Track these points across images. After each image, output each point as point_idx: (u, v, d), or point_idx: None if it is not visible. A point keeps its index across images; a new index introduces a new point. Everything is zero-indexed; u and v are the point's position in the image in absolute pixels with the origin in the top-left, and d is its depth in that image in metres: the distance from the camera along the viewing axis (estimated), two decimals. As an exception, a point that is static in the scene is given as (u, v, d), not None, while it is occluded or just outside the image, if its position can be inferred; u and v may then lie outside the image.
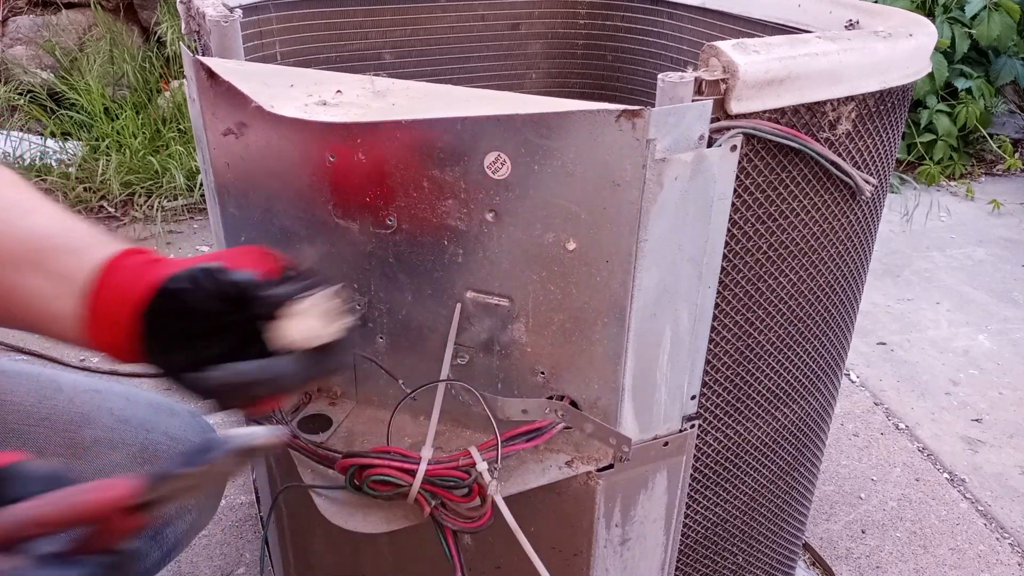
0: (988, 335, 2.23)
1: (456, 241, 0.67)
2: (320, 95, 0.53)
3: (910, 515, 1.59)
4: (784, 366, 0.87)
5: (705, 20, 1.18)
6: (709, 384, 0.80)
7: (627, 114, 0.58)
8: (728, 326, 0.78)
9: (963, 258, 2.68)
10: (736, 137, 0.66)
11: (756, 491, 0.96)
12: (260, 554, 1.26)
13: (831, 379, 0.99)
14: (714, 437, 0.85)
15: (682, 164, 0.63)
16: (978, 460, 1.75)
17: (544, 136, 0.60)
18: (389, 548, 0.87)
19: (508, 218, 0.64)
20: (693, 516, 0.90)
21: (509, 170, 0.62)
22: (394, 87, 0.59)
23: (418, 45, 1.32)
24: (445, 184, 0.64)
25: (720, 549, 0.97)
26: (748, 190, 0.71)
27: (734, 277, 0.75)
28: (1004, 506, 1.62)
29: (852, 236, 0.85)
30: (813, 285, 0.84)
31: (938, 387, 2.00)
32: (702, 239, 0.69)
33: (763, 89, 0.67)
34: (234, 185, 0.74)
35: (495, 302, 0.69)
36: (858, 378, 2.02)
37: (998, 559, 1.49)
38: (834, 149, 0.76)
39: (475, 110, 0.58)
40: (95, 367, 1.98)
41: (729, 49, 0.66)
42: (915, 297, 2.42)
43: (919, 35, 0.80)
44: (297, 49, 1.19)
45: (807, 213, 0.77)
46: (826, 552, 1.49)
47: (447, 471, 0.64)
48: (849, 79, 0.73)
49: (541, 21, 1.38)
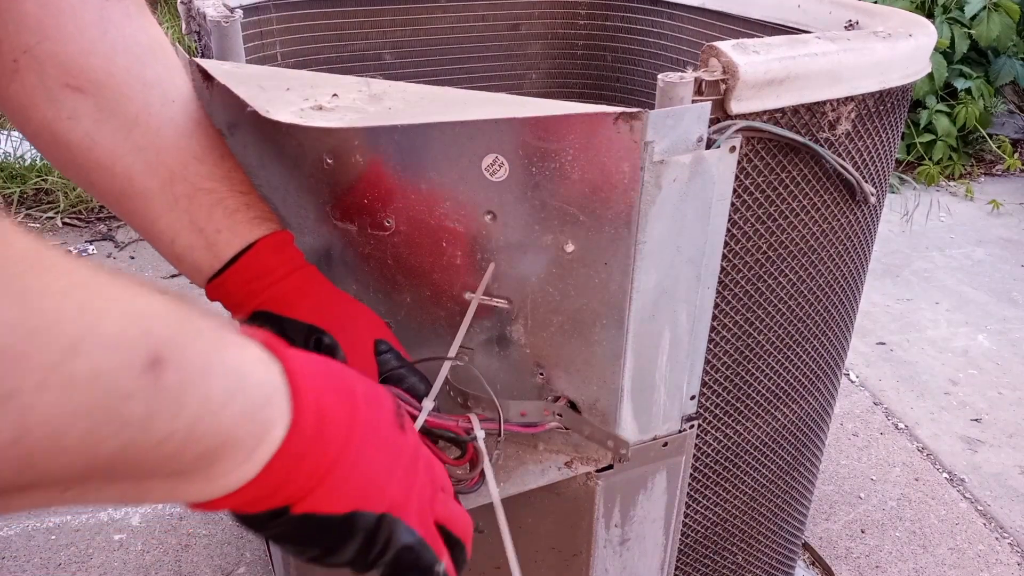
0: (987, 335, 2.23)
1: (454, 243, 0.67)
2: (316, 99, 0.53)
3: (909, 515, 1.59)
4: (784, 366, 0.87)
5: (705, 20, 1.18)
6: (709, 384, 0.81)
7: (625, 116, 0.58)
8: (728, 326, 0.78)
9: (962, 258, 2.68)
10: (735, 138, 0.66)
11: (756, 491, 0.96)
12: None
13: (831, 379, 0.99)
14: (714, 437, 0.85)
15: (680, 166, 0.63)
16: (977, 460, 1.75)
17: (542, 138, 0.60)
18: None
19: (506, 220, 0.64)
20: (693, 516, 0.90)
21: (507, 172, 0.62)
22: (390, 90, 0.59)
23: (418, 46, 1.32)
24: (443, 186, 0.64)
25: (720, 549, 0.97)
26: (748, 190, 0.71)
27: (734, 277, 0.76)
28: (1003, 506, 1.62)
29: (852, 236, 0.85)
30: (813, 285, 0.84)
31: (937, 387, 2.00)
32: (701, 240, 0.69)
33: (763, 89, 0.67)
34: (233, 186, 0.74)
35: (494, 303, 0.69)
36: (858, 378, 2.03)
37: (997, 559, 1.49)
38: (834, 149, 0.76)
39: (472, 113, 0.58)
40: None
41: (729, 49, 0.66)
42: (914, 297, 2.42)
43: (919, 35, 0.80)
44: (298, 50, 1.19)
45: (807, 213, 0.77)
46: (826, 552, 1.49)
47: (447, 425, 0.63)
48: (849, 79, 0.73)
49: (541, 21, 1.38)
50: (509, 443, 0.75)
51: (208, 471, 0.35)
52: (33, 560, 1.45)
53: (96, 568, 1.44)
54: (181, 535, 1.52)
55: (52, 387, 0.25)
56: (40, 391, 0.25)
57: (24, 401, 0.24)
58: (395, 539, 0.44)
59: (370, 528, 0.43)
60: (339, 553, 0.43)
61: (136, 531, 1.53)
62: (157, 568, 1.45)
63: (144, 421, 0.29)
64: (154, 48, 0.59)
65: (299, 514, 0.39)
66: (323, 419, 0.40)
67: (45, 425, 0.25)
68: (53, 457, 0.26)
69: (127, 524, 1.54)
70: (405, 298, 0.72)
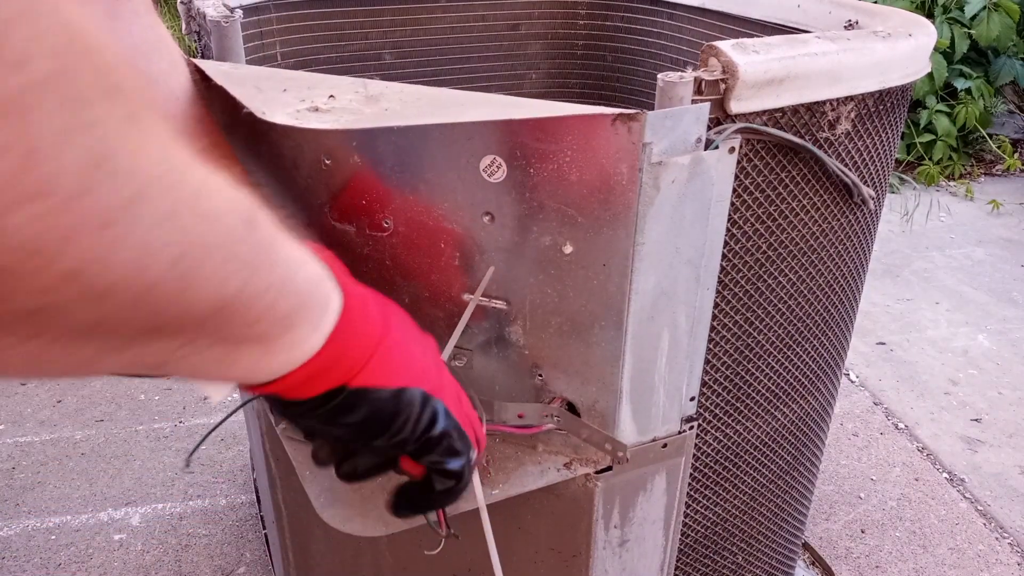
0: (987, 335, 2.23)
1: (452, 244, 0.67)
2: (313, 100, 0.53)
3: (909, 515, 1.59)
4: (784, 366, 0.87)
5: (705, 20, 1.18)
6: (708, 384, 0.80)
7: (623, 117, 0.58)
8: (727, 326, 0.78)
9: (962, 258, 2.68)
10: (735, 139, 0.66)
11: (755, 491, 0.96)
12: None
13: (830, 379, 0.99)
14: (713, 437, 0.85)
15: (679, 167, 0.63)
16: (977, 460, 1.75)
17: (539, 140, 0.59)
18: (389, 549, 0.87)
19: (504, 221, 0.64)
20: (692, 516, 0.90)
21: (505, 173, 0.62)
22: (387, 91, 0.59)
23: (419, 46, 1.32)
24: (441, 187, 0.64)
25: (719, 549, 0.97)
26: (747, 190, 0.71)
27: (733, 277, 0.75)
28: (1003, 506, 1.62)
29: (851, 236, 0.85)
30: (813, 285, 0.84)
31: (937, 387, 2.00)
32: (700, 241, 0.69)
33: (762, 89, 0.67)
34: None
35: (492, 305, 0.68)
36: (857, 378, 2.03)
37: (997, 559, 1.49)
38: (833, 149, 0.76)
39: (469, 115, 0.58)
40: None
41: (729, 49, 0.65)
42: (914, 297, 2.42)
43: (918, 35, 0.80)
44: (298, 50, 1.19)
45: (806, 213, 0.77)
46: (826, 552, 1.49)
47: None
48: (848, 79, 0.73)
49: (541, 21, 1.38)
50: (508, 444, 0.75)
51: (287, 337, 0.39)
52: (33, 560, 1.45)
53: (96, 568, 1.44)
54: (181, 535, 1.52)
55: (194, 214, 0.29)
56: (190, 215, 0.29)
57: (182, 223, 0.29)
58: (438, 419, 0.48)
59: (417, 404, 0.46)
60: (388, 432, 0.46)
61: (136, 531, 1.53)
62: (157, 568, 1.45)
63: (252, 264, 0.34)
64: (159, 45, 0.60)
65: (356, 388, 0.44)
66: (364, 302, 0.45)
67: (194, 248, 0.29)
68: (196, 287, 0.30)
69: (127, 524, 1.54)
70: (403, 299, 0.72)
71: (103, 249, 0.26)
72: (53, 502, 1.59)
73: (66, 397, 1.90)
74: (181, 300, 0.30)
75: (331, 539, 0.91)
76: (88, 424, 1.81)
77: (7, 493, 1.61)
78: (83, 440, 1.76)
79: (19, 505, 1.58)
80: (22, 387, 1.93)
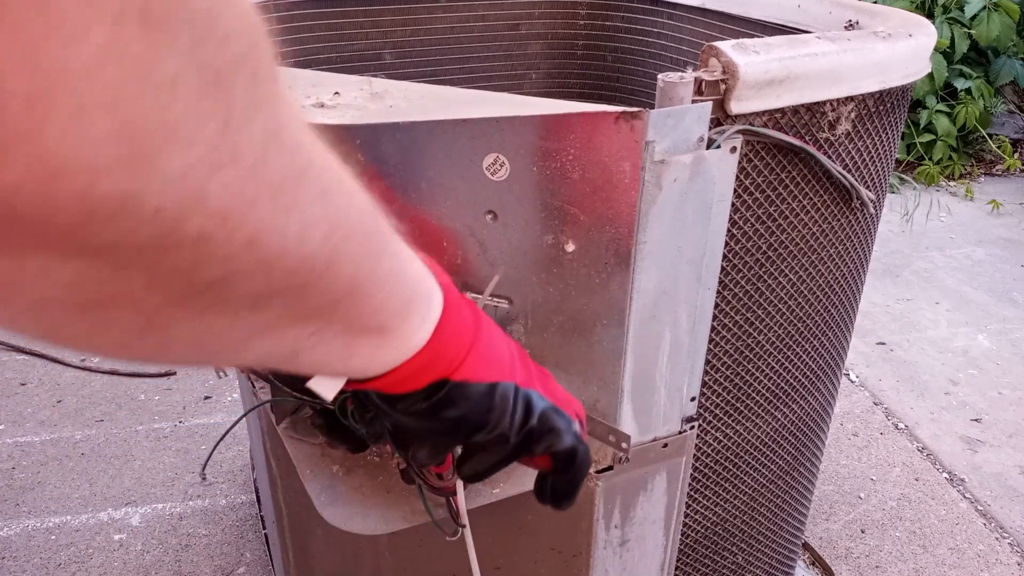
0: (987, 335, 2.23)
1: (455, 242, 0.67)
2: (318, 97, 0.53)
3: (909, 515, 1.59)
4: (784, 366, 0.87)
5: (705, 20, 1.18)
6: (709, 384, 0.80)
7: (625, 116, 0.58)
8: (728, 326, 0.78)
9: (962, 258, 2.68)
10: (736, 138, 0.66)
11: (756, 491, 0.96)
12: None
13: (830, 379, 0.99)
14: (714, 437, 0.85)
15: (681, 166, 0.63)
16: (977, 460, 1.75)
17: (543, 138, 0.60)
18: (389, 549, 0.87)
19: (507, 219, 0.64)
20: (693, 516, 0.90)
21: (508, 172, 0.62)
22: (392, 88, 0.59)
23: (419, 46, 1.32)
24: (443, 185, 0.64)
25: (720, 549, 0.97)
26: (748, 190, 0.71)
27: (734, 277, 0.75)
28: (1003, 506, 1.62)
29: (851, 236, 0.85)
30: (813, 285, 0.84)
31: (937, 387, 2.00)
32: (701, 241, 0.69)
33: (763, 89, 0.67)
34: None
35: (494, 303, 0.69)
36: (857, 378, 2.03)
37: (997, 559, 1.49)
38: (833, 149, 0.76)
39: (473, 112, 0.58)
40: (95, 367, 1.99)
41: (729, 49, 0.66)
42: (914, 297, 2.42)
43: (919, 35, 0.80)
44: (298, 49, 1.19)
45: (807, 214, 0.77)
46: (826, 552, 1.49)
47: None
48: (848, 79, 0.73)
49: (541, 21, 1.39)
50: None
51: (402, 328, 0.41)
52: (33, 560, 1.45)
53: (96, 568, 1.44)
54: (181, 535, 1.52)
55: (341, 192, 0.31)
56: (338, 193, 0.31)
57: (335, 200, 0.30)
58: (533, 409, 0.50)
59: (510, 397, 0.48)
60: (487, 426, 0.48)
61: (136, 531, 1.53)
62: (157, 568, 1.45)
63: (378, 249, 0.36)
64: None
65: (458, 381, 0.45)
66: (459, 300, 0.46)
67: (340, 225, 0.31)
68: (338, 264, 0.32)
69: (127, 524, 1.54)
70: (405, 298, 0.71)
71: (276, 218, 0.27)
72: (53, 502, 1.59)
73: (66, 397, 1.90)
74: (325, 276, 0.31)
75: (331, 539, 0.91)
76: (88, 424, 1.81)
77: (7, 493, 1.61)
78: (83, 440, 1.76)
79: (19, 505, 1.58)
80: (22, 387, 1.93)
